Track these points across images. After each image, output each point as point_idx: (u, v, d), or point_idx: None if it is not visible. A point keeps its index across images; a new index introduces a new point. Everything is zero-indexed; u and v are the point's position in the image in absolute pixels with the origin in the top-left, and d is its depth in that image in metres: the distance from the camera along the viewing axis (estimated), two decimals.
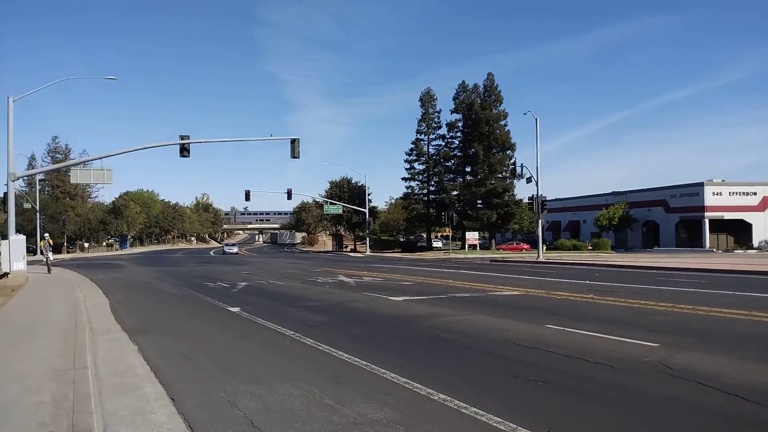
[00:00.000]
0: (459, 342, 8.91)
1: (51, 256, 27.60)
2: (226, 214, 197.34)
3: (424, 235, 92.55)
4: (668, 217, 68.50)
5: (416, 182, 71.98)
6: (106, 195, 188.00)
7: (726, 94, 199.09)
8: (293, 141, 35.30)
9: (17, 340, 8.94)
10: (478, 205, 67.02)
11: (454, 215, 59.40)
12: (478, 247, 64.67)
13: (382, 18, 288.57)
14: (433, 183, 71.65)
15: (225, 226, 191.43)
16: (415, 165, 71.46)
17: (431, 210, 71.21)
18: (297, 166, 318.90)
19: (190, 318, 12.31)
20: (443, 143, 71.13)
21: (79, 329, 9.97)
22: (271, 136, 35.91)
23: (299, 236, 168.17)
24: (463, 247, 66.97)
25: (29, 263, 29.74)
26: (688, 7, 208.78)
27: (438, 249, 73.23)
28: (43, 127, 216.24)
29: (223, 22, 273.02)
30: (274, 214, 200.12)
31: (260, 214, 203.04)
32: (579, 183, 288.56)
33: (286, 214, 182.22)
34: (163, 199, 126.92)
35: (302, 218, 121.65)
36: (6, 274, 25.74)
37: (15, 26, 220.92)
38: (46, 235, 29.18)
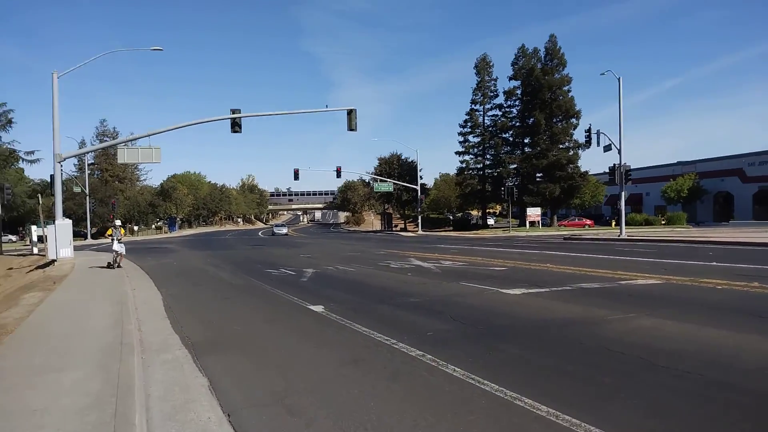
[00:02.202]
0: (680, 373, 5.80)
1: (121, 248, 20.20)
2: (271, 194, 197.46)
3: (473, 213, 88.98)
4: (745, 187, 62.88)
5: (471, 156, 68.22)
6: (154, 178, 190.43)
7: None
8: (350, 112, 32.62)
9: (40, 367, 6.35)
10: (538, 179, 62.95)
11: (514, 190, 55.62)
12: (539, 224, 60.69)
13: None
14: (489, 156, 67.72)
15: (270, 207, 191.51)
16: (470, 137, 67.79)
17: (487, 185, 67.44)
18: (340, 145, 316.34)
19: (267, 324, 9.56)
20: (500, 113, 67.01)
21: (126, 346, 7.34)
22: (327, 107, 33.18)
23: (342, 216, 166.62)
24: (521, 225, 63.16)
25: (77, 248, 28.07)
26: None
27: (494, 227, 69.49)
28: (91, 113, 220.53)
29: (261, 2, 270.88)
30: (317, 194, 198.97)
31: (304, 194, 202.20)
32: (634, 153, 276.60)
33: (329, 193, 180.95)
34: (209, 181, 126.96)
35: (348, 197, 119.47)
36: (53, 262, 23.95)
37: (58, 11, 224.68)
38: (118, 222, 21.53)
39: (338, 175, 63.72)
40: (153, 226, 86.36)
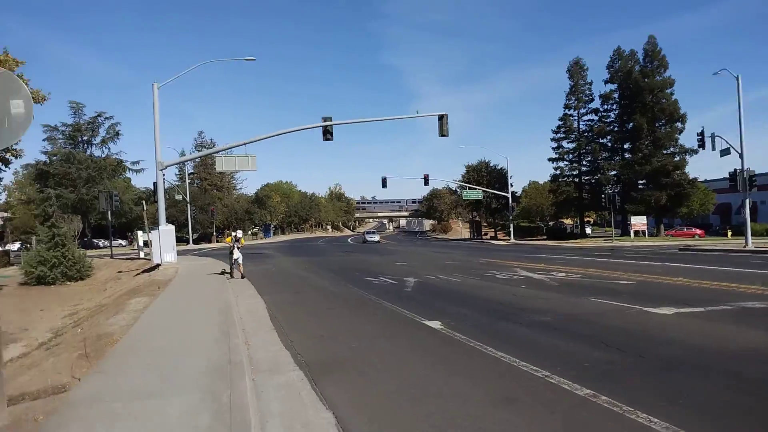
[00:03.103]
0: None
1: (240, 257, 19.21)
2: (357, 202, 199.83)
3: (565, 221, 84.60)
4: None
5: (565, 162, 64.76)
6: (249, 187, 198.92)
7: None
8: (441, 117, 31.43)
9: (143, 391, 5.60)
10: (641, 186, 58.59)
11: (616, 197, 51.91)
12: (643, 234, 56.27)
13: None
14: (585, 163, 64.01)
15: (356, 215, 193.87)
16: (564, 143, 64.34)
17: (583, 193, 63.70)
18: (423, 154, 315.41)
19: (384, 341, 8.49)
20: (596, 118, 63.19)
21: (235, 366, 6.50)
22: (417, 113, 32.18)
23: (427, 223, 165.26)
24: (623, 234, 58.92)
25: (180, 253, 28.76)
26: None
27: (592, 236, 65.42)
28: (188, 126, 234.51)
29: (342, 15, 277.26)
30: (402, 202, 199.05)
31: (389, 202, 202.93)
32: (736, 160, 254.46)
33: (414, 201, 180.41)
34: (300, 190, 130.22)
35: (434, 205, 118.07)
36: (157, 266, 24.50)
37: (158, 36, 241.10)
38: (239, 233, 20.44)
39: (426, 183, 62.53)
40: (249, 232, 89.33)
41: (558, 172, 65.03)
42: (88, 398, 5.43)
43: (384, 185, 58.73)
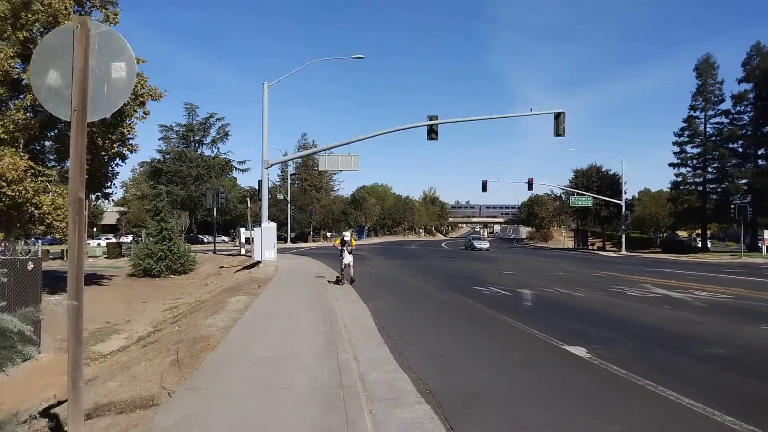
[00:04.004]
0: None
1: (351, 261, 16.75)
2: (451, 207, 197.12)
3: (680, 234, 77.41)
4: None
5: (688, 169, 58.91)
6: (345, 189, 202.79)
7: None
8: (558, 115, 29.18)
9: (236, 420, 4.44)
10: None
11: (748, 208, 46.28)
12: None
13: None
14: (710, 170, 57.89)
15: (450, 219, 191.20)
16: (687, 148, 58.56)
17: (707, 203, 57.65)
18: (522, 159, 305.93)
19: (520, 371, 6.87)
20: (726, 120, 56.91)
21: (349, 392, 5.21)
22: (531, 110, 30.02)
23: (524, 231, 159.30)
24: (752, 249, 52.50)
25: (279, 251, 28.58)
26: None
27: (714, 251, 59.02)
28: (292, 128, 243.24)
29: (449, 18, 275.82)
30: (497, 207, 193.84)
31: (484, 207, 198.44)
32: None
33: (509, 207, 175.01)
34: (394, 193, 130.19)
35: (534, 212, 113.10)
36: (258, 263, 24.29)
37: (268, 42, 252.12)
38: (347, 234, 17.57)
39: (530, 187, 59.50)
40: (343, 233, 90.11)
41: (680, 179, 59.27)
42: (173, 427, 4.34)
43: (484, 189, 56.66)
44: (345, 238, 16.88)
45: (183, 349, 7.65)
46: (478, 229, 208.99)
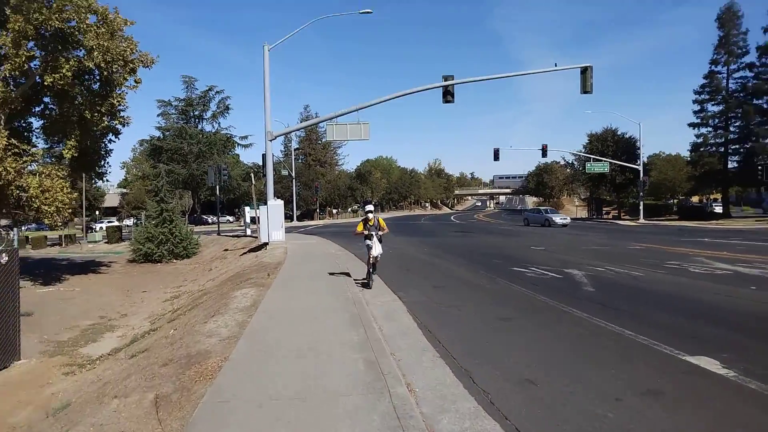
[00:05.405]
0: None
1: (379, 252, 11.38)
2: (457, 179, 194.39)
3: (693, 199, 74.93)
4: None
5: (709, 129, 56.01)
6: (350, 163, 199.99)
7: None
8: (584, 70, 26.86)
9: None
10: None
11: None
12: None
13: None
14: (733, 129, 55.04)
15: (456, 192, 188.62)
16: (708, 106, 55.58)
17: (728, 165, 55.00)
18: (524, 126, 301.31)
19: (651, 401, 4.82)
20: (751, 74, 53.70)
21: None
22: (556, 66, 27.55)
23: (530, 201, 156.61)
24: None
25: (286, 230, 26.59)
26: None
27: (735, 217, 56.63)
28: (295, 103, 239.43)
29: None
30: (504, 178, 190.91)
31: (498, 177, 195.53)
32: None
33: (515, 178, 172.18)
34: (399, 166, 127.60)
35: (544, 180, 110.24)
36: (265, 245, 22.30)
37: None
38: (369, 207, 11.93)
39: (544, 154, 56.74)
40: (349, 209, 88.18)
41: (700, 140, 56.41)
42: None
43: (496, 157, 54.41)
44: (368, 216, 11.45)
45: (172, 376, 5.66)
46: (485, 200, 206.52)
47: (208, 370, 5.63)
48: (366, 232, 11.36)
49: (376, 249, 11.22)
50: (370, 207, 11.92)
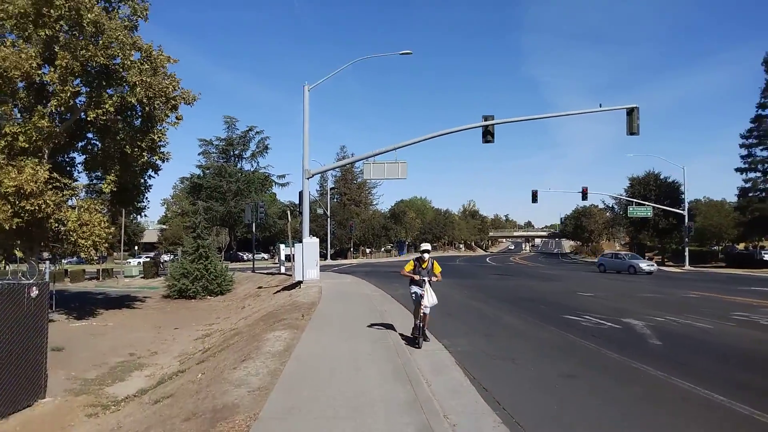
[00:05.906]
0: None
1: (432, 301, 9.18)
2: (491, 221, 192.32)
3: (739, 246, 71.50)
4: None
5: (758, 173, 53.82)
6: (384, 203, 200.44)
7: None
8: (630, 111, 25.95)
9: None
10: None
11: None
12: None
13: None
14: None
15: (490, 234, 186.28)
16: (756, 151, 53.60)
17: None
18: (558, 171, 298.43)
19: None
20: None
21: None
22: (600, 106, 26.76)
23: (567, 245, 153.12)
24: None
25: (320, 269, 26.01)
26: None
27: None
28: (330, 145, 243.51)
29: (487, 26, 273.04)
30: (539, 221, 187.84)
31: (527, 223, 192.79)
32: None
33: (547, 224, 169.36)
34: (433, 207, 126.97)
35: (582, 224, 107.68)
36: (299, 283, 21.72)
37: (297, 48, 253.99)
38: (426, 246, 9.88)
39: (584, 197, 55.35)
40: (382, 249, 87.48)
41: (749, 185, 54.22)
42: None
43: (534, 199, 53.30)
44: (424, 257, 9.59)
45: None
46: (520, 242, 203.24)
47: (235, 430, 4.92)
48: (416, 277, 9.35)
49: (429, 298, 9.08)
50: (426, 246, 9.91)
